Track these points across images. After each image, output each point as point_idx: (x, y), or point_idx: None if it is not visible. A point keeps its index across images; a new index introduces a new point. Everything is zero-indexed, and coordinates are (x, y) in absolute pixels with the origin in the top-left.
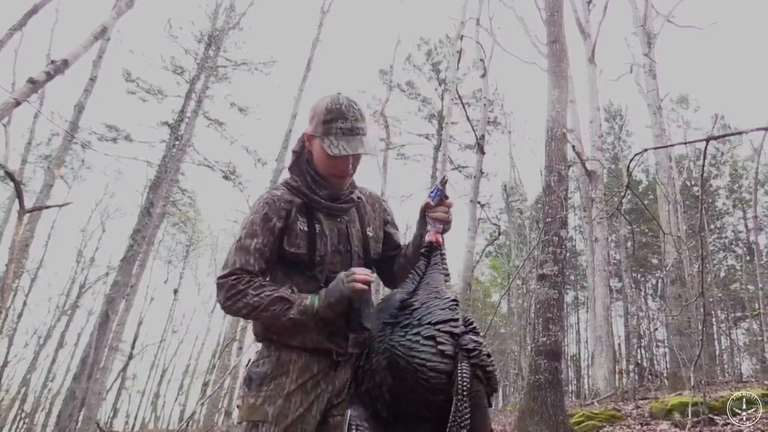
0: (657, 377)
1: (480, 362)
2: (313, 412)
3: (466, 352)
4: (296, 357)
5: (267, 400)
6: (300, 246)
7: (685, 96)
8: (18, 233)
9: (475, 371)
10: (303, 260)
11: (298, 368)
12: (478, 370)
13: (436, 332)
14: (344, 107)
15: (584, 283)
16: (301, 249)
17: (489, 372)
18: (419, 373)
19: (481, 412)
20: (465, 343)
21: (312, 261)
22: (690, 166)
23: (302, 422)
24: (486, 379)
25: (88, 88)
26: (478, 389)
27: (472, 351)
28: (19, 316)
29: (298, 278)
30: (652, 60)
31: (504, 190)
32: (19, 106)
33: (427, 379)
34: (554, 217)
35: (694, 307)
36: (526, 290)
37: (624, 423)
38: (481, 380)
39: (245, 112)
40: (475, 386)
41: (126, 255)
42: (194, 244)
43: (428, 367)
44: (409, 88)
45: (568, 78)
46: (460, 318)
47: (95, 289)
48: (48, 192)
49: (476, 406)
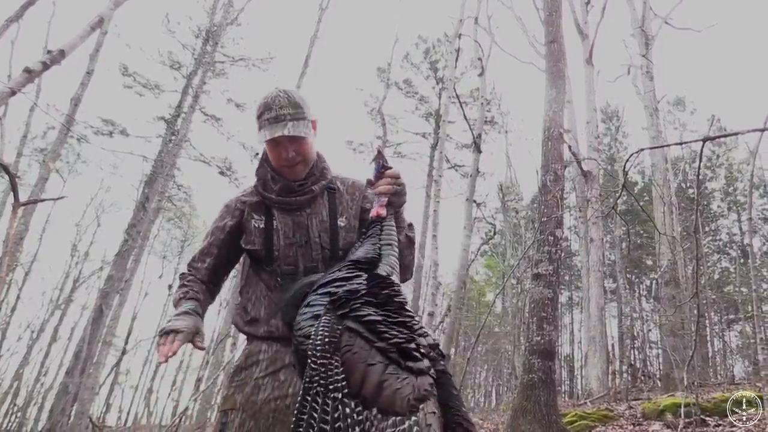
0: (650, 378)
1: (351, 313)
2: (287, 401)
3: (332, 304)
4: (266, 347)
5: (237, 389)
6: (255, 243)
7: (682, 98)
8: (12, 226)
9: (345, 324)
10: (260, 256)
11: (268, 358)
12: (351, 322)
13: (314, 297)
14: (270, 99)
15: (578, 283)
16: (256, 245)
17: (373, 324)
18: (299, 346)
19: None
20: (336, 299)
21: (269, 256)
22: (686, 168)
23: (275, 410)
24: (372, 333)
25: (85, 81)
26: (350, 344)
27: (337, 301)
28: (13, 310)
29: (263, 273)
30: (650, 61)
31: (500, 189)
32: (14, 95)
33: (303, 349)
34: (550, 217)
35: (687, 308)
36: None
37: (616, 423)
38: (359, 334)
39: (242, 108)
40: (347, 341)
41: (121, 249)
42: (189, 239)
43: (301, 335)
44: (407, 86)
45: (566, 78)
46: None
47: (89, 283)
48: (43, 185)
49: (350, 364)
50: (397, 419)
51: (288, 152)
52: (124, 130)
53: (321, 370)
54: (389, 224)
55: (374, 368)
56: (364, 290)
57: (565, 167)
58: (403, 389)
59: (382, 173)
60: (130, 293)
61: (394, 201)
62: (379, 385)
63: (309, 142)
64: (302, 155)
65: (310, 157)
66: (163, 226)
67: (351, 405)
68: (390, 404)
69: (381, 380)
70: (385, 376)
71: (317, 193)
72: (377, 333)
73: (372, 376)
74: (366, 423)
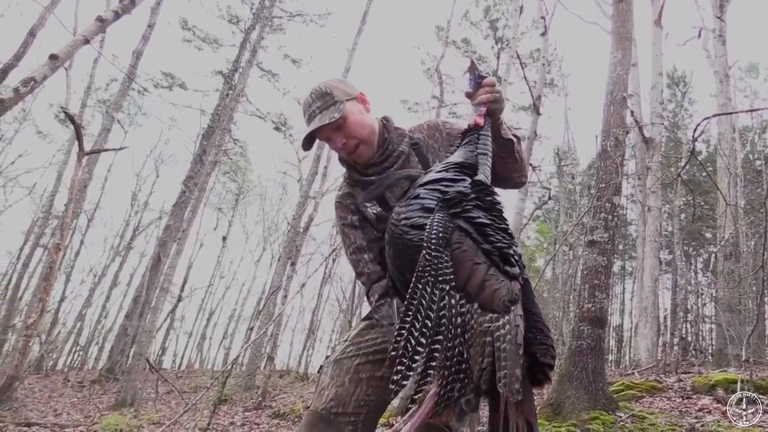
0: (701, 353)
1: (463, 213)
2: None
3: (444, 202)
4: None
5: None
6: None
7: (756, 64)
8: (77, 174)
9: (456, 222)
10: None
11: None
12: (462, 222)
13: (423, 190)
14: (303, 102)
15: (633, 253)
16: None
17: (482, 227)
18: (405, 234)
19: (465, 267)
20: (447, 197)
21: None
22: (755, 139)
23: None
24: (479, 235)
25: (146, 34)
26: (460, 241)
27: (450, 200)
28: (77, 255)
29: None
30: (723, 22)
31: (556, 153)
32: (87, 44)
33: (411, 238)
34: (608, 183)
35: (747, 283)
36: (572, 256)
37: (665, 395)
38: (468, 233)
39: (298, 64)
40: (457, 239)
41: (178, 200)
42: (244, 193)
43: (410, 225)
44: (465, 45)
45: (632, 40)
46: (464, 179)
47: (148, 232)
48: (106, 136)
49: (458, 261)
50: (494, 316)
51: (338, 142)
52: (183, 83)
53: (434, 261)
54: (485, 134)
55: (479, 267)
56: (473, 194)
57: (626, 133)
58: (500, 290)
59: (479, 83)
60: (187, 243)
61: (494, 108)
62: (482, 283)
63: (353, 121)
64: (354, 137)
65: (363, 133)
66: (218, 179)
67: (456, 297)
68: (489, 302)
69: (484, 279)
70: (487, 276)
71: (406, 153)
72: (485, 235)
73: (477, 274)
74: (467, 315)
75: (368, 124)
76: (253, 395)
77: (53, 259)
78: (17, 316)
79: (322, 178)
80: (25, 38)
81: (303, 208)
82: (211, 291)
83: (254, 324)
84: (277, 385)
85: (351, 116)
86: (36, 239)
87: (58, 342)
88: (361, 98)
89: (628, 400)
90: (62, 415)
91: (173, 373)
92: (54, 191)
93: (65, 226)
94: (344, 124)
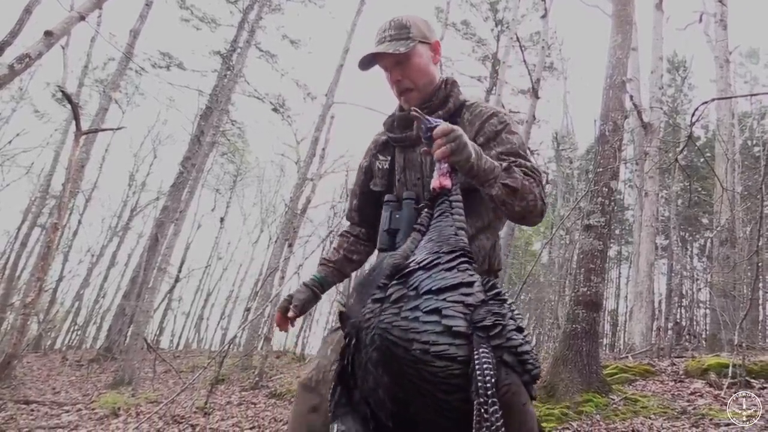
0: (695, 337)
1: (506, 343)
2: None
3: (483, 331)
4: None
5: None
6: (377, 184)
7: (756, 50)
8: (74, 154)
9: (501, 356)
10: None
11: None
12: (506, 355)
13: (441, 303)
14: (380, 27)
15: (629, 237)
16: (378, 187)
17: (522, 354)
18: (422, 365)
19: (517, 412)
20: (480, 319)
21: None
22: (753, 125)
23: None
24: (520, 365)
25: (144, 13)
26: (509, 382)
27: (491, 329)
28: (74, 234)
29: None
30: (725, 6)
31: (555, 137)
32: (83, 20)
33: (434, 373)
34: (606, 168)
35: (742, 269)
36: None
37: (657, 378)
38: (512, 368)
39: (297, 45)
40: (504, 378)
41: (176, 181)
42: (241, 174)
43: (433, 353)
44: (465, 27)
45: (633, 24)
46: (476, 280)
47: (146, 212)
48: (103, 116)
49: (509, 406)
50: None
51: (393, 77)
52: (181, 63)
53: (493, 419)
54: (457, 198)
55: (529, 410)
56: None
57: (625, 117)
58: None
59: (430, 136)
60: (184, 224)
61: (455, 161)
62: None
63: (415, 63)
64: (411, 79)
65: (420, 81)
66: (216, 160)
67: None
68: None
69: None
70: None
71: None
72: (523, 363)
73: (530, 420)
74: None
75: (429, 73)
76: (250, 375)
77: (51, 238)
78: (15, 295)
79: (320, 160)
80: (21, 15)
81: (301, 190)
82: (208, 272)
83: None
84: (274, 366)
85: (416, 58)
86: (34, 218)
87: (57, 321)
88: (435, 46)
89: (621, 383)
90: (60, 393)
91: (171, 353)
92: (51, 171)
93: (63, 205)
94: (406, 62)
